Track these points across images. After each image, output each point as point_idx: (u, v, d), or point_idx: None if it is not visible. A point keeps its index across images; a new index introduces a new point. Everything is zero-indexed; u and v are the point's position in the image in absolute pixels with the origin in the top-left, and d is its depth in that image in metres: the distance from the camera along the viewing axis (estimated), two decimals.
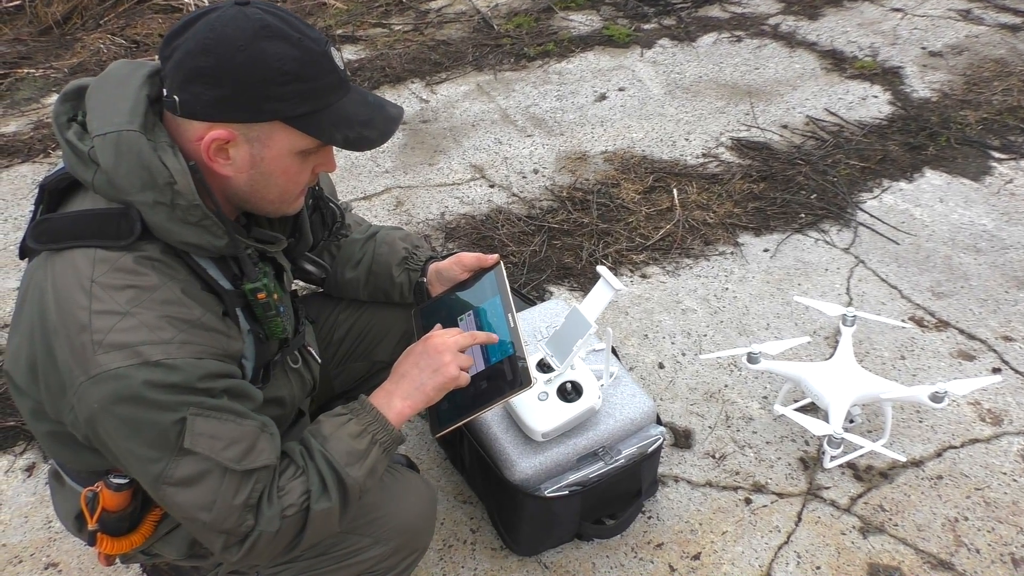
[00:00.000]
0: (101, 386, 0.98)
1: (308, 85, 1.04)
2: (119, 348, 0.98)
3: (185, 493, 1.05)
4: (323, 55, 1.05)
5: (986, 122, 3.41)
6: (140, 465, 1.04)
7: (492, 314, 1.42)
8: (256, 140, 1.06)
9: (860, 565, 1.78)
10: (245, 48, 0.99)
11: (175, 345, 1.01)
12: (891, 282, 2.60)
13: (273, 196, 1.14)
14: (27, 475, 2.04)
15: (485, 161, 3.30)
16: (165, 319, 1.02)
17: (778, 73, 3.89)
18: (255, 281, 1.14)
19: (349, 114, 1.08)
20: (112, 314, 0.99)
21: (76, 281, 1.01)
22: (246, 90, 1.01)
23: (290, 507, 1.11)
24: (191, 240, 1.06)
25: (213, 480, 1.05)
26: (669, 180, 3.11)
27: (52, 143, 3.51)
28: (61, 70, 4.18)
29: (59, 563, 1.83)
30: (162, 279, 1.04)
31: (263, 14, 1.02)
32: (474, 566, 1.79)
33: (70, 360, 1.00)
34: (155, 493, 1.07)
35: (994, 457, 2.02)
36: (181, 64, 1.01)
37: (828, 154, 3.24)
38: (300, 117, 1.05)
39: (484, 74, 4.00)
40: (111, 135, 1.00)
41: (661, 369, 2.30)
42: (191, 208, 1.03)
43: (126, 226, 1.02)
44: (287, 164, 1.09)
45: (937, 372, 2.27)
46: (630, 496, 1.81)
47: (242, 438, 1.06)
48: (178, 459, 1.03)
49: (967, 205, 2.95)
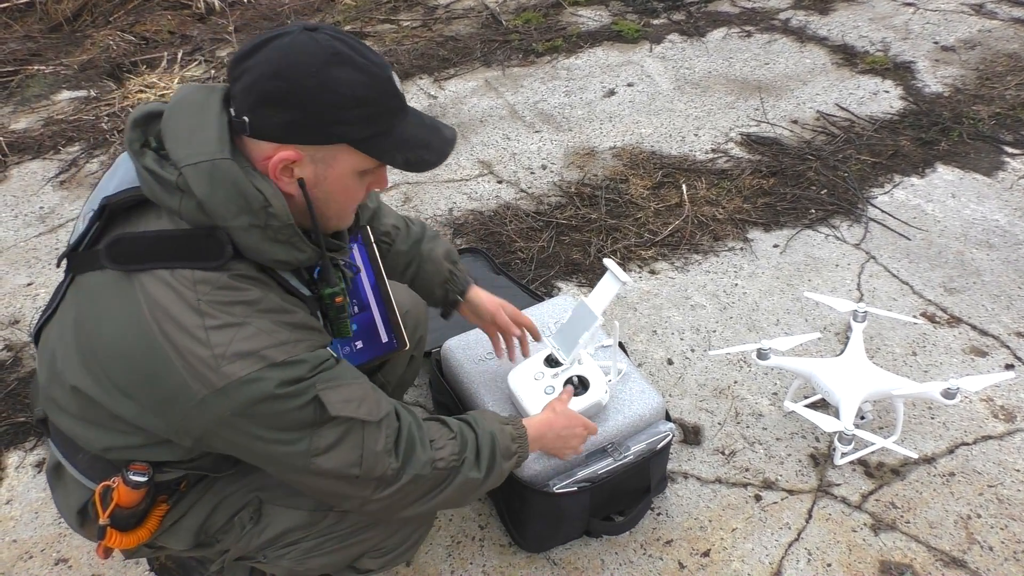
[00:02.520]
0: (232, 395, 1.04)
1: (373, 110, 1.08)
2: (245, 356, 1.04)
3: (334, 456, 1.13)
4: (387, 80, 1.10)
5: (999, 117, 3.38)
6: (285, 449, 1.11)
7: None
8: (321, 161, 1.10)
9: (871, 562, 1.77)
10: (316, 74, 1.03)
11: (291, 344, 1.08)
12: (902, 278, 2.58)
13: (331, 212, 1.19)
14: (37, 471, 2.04)
15: (493, 157, 3.29)
16: (277, 324, 1.08)
17: (788, 68, 3.87)
18: (334, 286, 1.22)
19: (409, 137, 1.13)
20: (228, 327, 1.05)
21: (182, 302, 1.04)
22: (316, 114, 1.05)
23: (441, 460, 1.23)
24: (280, 257, 1.11)
25: (355, 436, 1.14)
26: (678, 176, 3.10)
27: (62, 140, 3.53)
28: (71, 67, 4.20)
29: (69, 559, 1.84)
30: (262, 292, 1.10)
31: (333, 41, 1.06)
32: (483, 562, 1.79)
33: (186, 377, 1.04)
34: (302, 469, 1.13)
35: (1007, 454, 2.00)
36: (252, 87, 1.04)
37: (839, 149, 3.22)
38: (364, 140, 1.10)
39: (492, 70, 3.99)
40: (204, 164, 1.03)
41: (670, 365, 2.29)
42: (283, 228, 1.08)
43: (215, 247, 1.06)
44: (347, 183, 1.15)
45: (949, 368, 2.25)
46: (639, 493, 1.80)
47: (365, 396, 1.16)
48: (320, 430, 1.11)
49: (979, 200, 2.92)
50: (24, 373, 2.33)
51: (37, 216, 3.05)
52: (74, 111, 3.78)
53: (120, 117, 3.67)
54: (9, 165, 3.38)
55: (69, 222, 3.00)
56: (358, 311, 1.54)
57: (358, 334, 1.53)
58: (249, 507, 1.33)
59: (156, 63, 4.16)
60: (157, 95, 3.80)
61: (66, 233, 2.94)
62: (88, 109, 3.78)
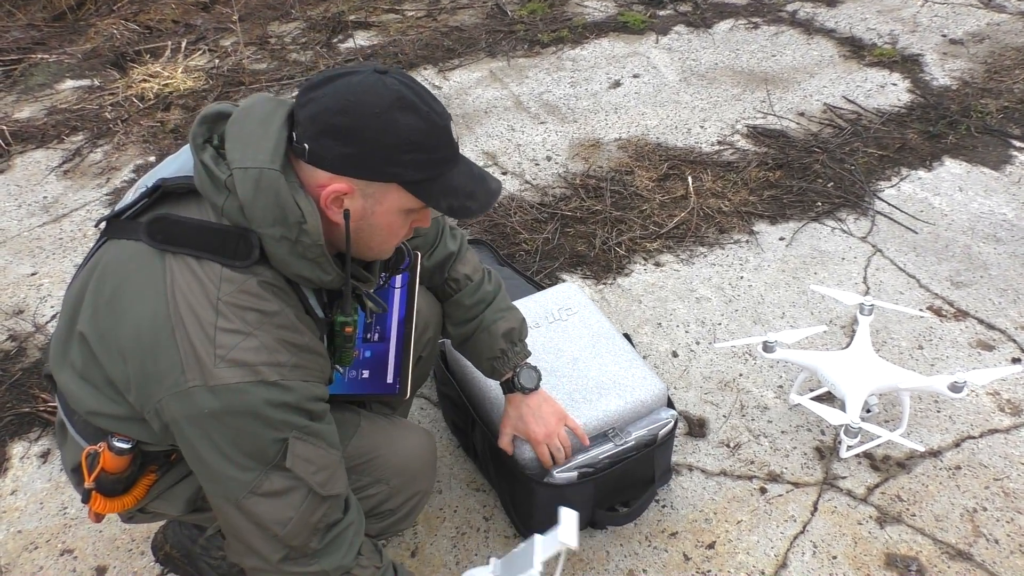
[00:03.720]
0: (217, 396, 1.07)
1: (428, 156, 1.13)
2: (240, 365, 1.07)
3: (268, 504, 1.14)
4: (445, 130, 1.15)
5: (1007, 111, 3.36)
6: (231, 471, 1.12)
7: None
8: (371, 196, 1.14)
9: (877, 555, 1.76)
10: (380, 115, 1.08)
11: (288, 368, 1.11)
12: (909, 271, 2.57)
13: (374, 245, 1.23)
14: (42, 461, 2.05)
15: (498, 148, 3.28)
16: (281, 343, 1.11)
17: (795, 60, 3.85)
18: (347, 316, 1.24)
19: (457, 185, 1.18)
20: (237, 333, 1.08)
21: (203, 294, 1.08)
22: (374, 153, 1.10)
23: (361, 570, 1.25)
24: (304, 273, 1.15)
25: (297, 498, 1.15)
26: (684, 168, 3.09)
27: (66, 129, 3.52)
28: (75, 56, 4.19)
29: (74, 549, 1.84)
30: (281, 305, 1.13)
31: (400, 86, 1.11)
32: (487, 553, 1.79)
33: (184, 363, 1.07)
34: (234, 500, 1.14)
35: (1013, 447, 1.99)
36: (317, 117, 1.09)
37: (846, 142, 3.20)
38: (416, 183, 1.15)
39: (497, 60, 3.97)
40: (253, 171, 1.08)
41: (675, 358, 2.29)
42: (312, 246, 1.12)
43: (244, 248, 1.10)
44: (392, 220, 1.19)
45: (956, 362, 2.24)
46: (644, 483, 1.80)
47: (328, 466, 1.17)
48: (271, 473, 1.13)
49: (987, 194, 2.91)
50: (29, 364, 2.33)
51: (41, 206, 3.05)
52: (78, 100, 3.77)
53: (124, 106, 3.67)
54: (12, 154, 3.37)
55: (73, 212, 3.00)
56: (378, 339, 1.53)
57: (368, 363, 1.52)
58: None
59: (160, 52, 4.15)
60: (161, 84, 3.79)
61: (70, 223, 2.93)
62: (92, 98, 3.77)
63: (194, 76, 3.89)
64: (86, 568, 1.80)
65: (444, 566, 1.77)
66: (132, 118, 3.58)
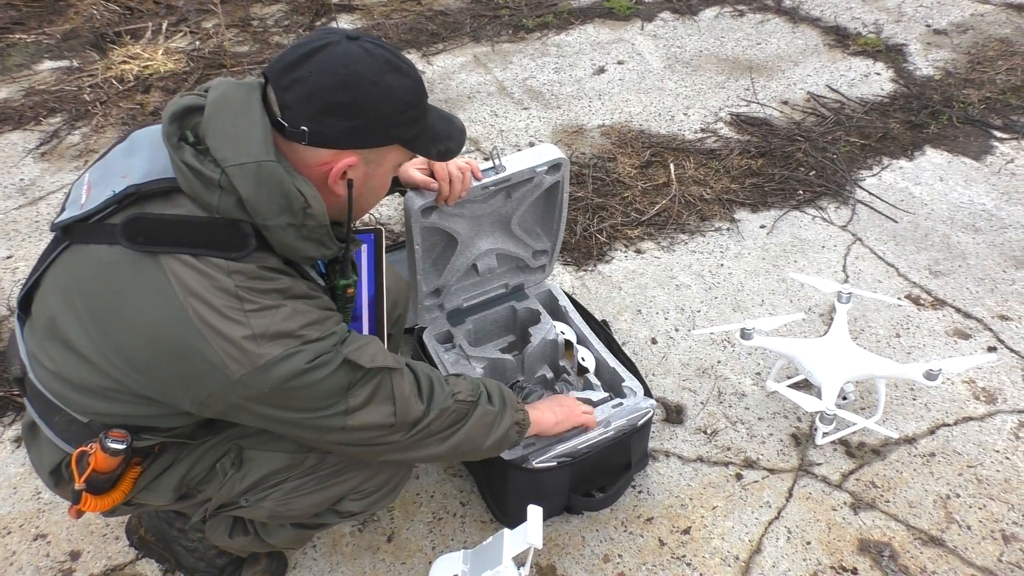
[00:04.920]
0: (271, 371, 1.10)
1: (417, 112, 1.19)
2: (282, 336, 1.10)
3: (368, 411, 1.20)
4: (421, 81, 1.20)
5: (989, 101, 3.38)
6: (321, 415, 1.17)
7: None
8: (373, 161, 1.19)
9: (851, 541, 1.78)
10: (378, 83, 1.11)
11: (322, 322, 1.16)
12: (888, 260, 2.58)
13: (367, 205, 1.30)
14: (16, 446, 2.02)
15: (481, 134, 3.26)
16: (308, 305, 1.16)
17: (780, 48, 3.84)
18: (348, 279, 1.30)
19: (436, 130, 1.25)
20: (266, 310, 1.10)
21: (219, 288, 1.09)
22: (378, 120, 1.14)
23: (460, 393, 1.34)
24: (310, 253, 1.18)
25: (385, 387, 1.22)
26: (666, 155, 3.08)
27: (43, 111, 3.47)
28: (53, 36, 4.12)
29: (48, 534, 1.82)
30: (290, 281, 1.16)
31: (382, 50, 1.14)
32: (463, 538, 1.79)
33: (224, 357, 1.08)
34: (339, 429, 1.20)
35: (987, 435, 2.01)
36: (313, 97, 1.10)
37: (828, 131, 3.21)
38: (412, 139, 1.21)
39: (481, 45, 3.95)
40: (250, 165, 1.08)
41: (654, 344, 2.29)
42: (318, 227, 1.15)
43: (239, 238, 1.11)
44: (387, 178, 1.26)
45: (932, 350, 2.25)
46: (620, 469, 1.80)
47: (383, 350, 1.24)
48: (353, 389, 1.18)
49: (967, 184, 2.92)
50: (2, 347, 2.31)
51: (17, 188, 3.01)
52: (56, 81, 3.72)
53: (103, 88, 3.62)
54: None
55: (50, 194, 2.96)
56: (350, 319, 1.51)
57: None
58: (230, 454, 1.35)
59: (140, 33, 4.09)
60: (141, 66, 3.74)
61: (47, 206, 2.90)
62: (70, 79, 3.71)
63: (175, 58, 3.84)
64: (60, 553, 1.78)
65: (420, 551, 1.77)
66: (111, 100, 3.54)
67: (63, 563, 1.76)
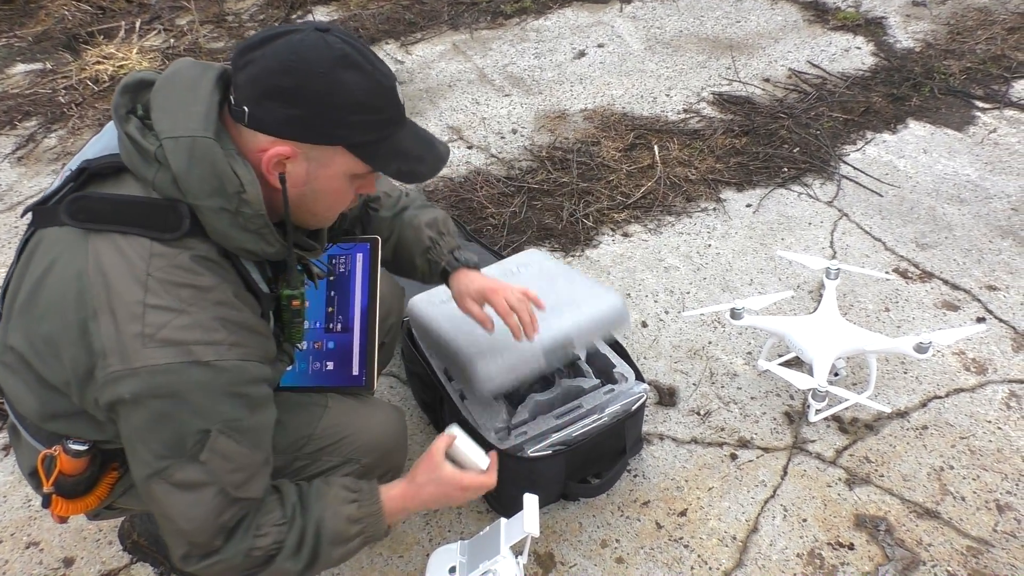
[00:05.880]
0: (143, 379, 1.01)
1: (374, 117, 1.09)
2: (172, 344, 1.01)
3: (176, 496, 1.08)
4: (391, 90, 1.10)
5: (970, 72, 3.38)
6: (147, 455, 1.07)
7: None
8: (315, 160, 1.09)
9: (846, 516, 1.78)
10: (325, 75, 1.04)
11: (225, 347, 1.05)
12: (875, 234, 2.58)
13: (319, 211, 1.18)
14: (5, 454, 2.00)
15: (463, 122, 3.24)
16: (218, 320, 1.05)
17: (760, 26, 3.83)
18: (295, 288, 1.20)
19: (404, 148, 1.14)
20: (168, 310, 1.02)
21: (129, 271, 1.02)
22: (319, 114, 1.05)
23: (257, 549, 1.15)
24: (247, 246, 1.09)
25: (208, 495, 1.08)
26: (650, 137, 3.07)
27: (18, 115, 3.42)
28: (25, 39, 4.07)
29: (40, 542, 1.80)
30: (217, 280, 1.07)
31: (343, 44, 1.06)
32: (460, 529, 1.78)
33: (107, 347, 1.01)
34: (146, 483, 1.09)
35: (979, 406, 2.02)
36: (258, 79, 1.04)
37: (811, 107, 3.20)
38: (362, 145, 1.10)
39: (460, 33, 3.92)
40: (184, 140, 1.02)
41: (644, 328, 2.28)
42: (254, 217, 1.07)
43: (174, 219, 1.04)
44: (338, 185, 1.14)
45: (922, 323, 2.26)
46: (615, 454, 1.80)
47: (248, 467, 1.11)
48: (185, 464, 1.06)
49: (951, 155, 2.92)
50: None
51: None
52: (30, 84, 3.67)
53: (78, 90, 3.57)
54: None
55: (28, 199, 2.92)
56: (341, 329, 1.48)
57: (333, 354, 1.48)
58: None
59: (114, 33, 4.04)
60: (116, 66, 3.69)
61: None
62: (44, 82, 3.67)
63: (149, 57, 3.80)
64: (53, 560, 1.77)
65: (417, 543, 1.76)
66: (87, 101, 3.49)
67: (57, 570, 1.75)
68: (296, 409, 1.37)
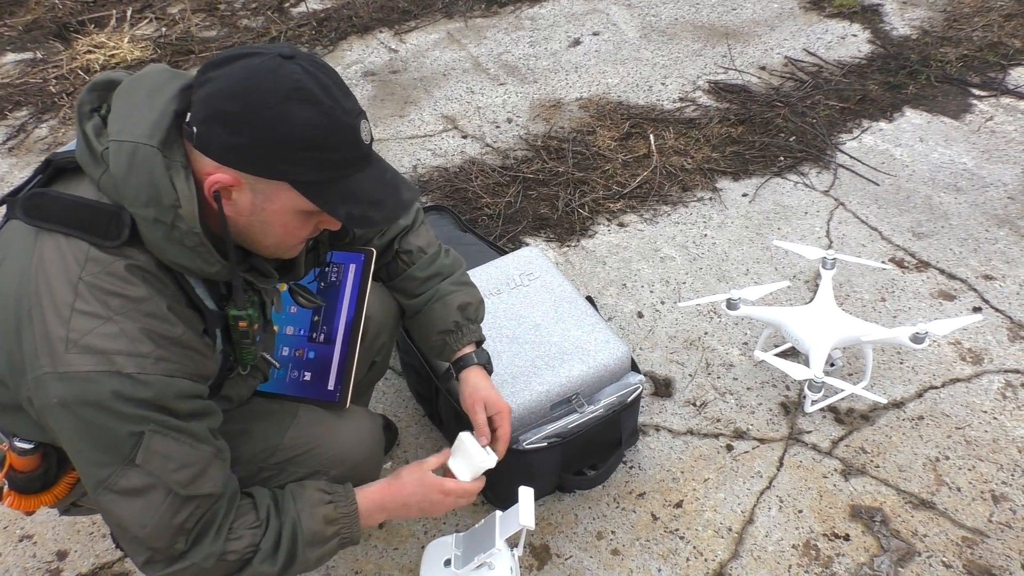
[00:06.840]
0: (67, 384, 0.99)
1: (325, 156, 1.03)
2: (93, 352, 0.99)
3: (124, 504, 1.05)
4: (350, 129, 1.04)
5: (966, 59, 3.36)
6: (86, 465, 1.05)
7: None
8: (260, 192, 1.05)
9: (842, 507, 1.78)
10: (273, 106, 0.98)
11: (151, 360, 1.02)
12: (871, 224, 2.57)
13: (269, 243, 1.13)
14: None
15: (457, 111, 3.22)
16: (146, 333, 1.02)
17: (756, 13, 3.81)
18: (241, 309, 1.15)
19: (360, 191, 1.07)
20: (94, 317, 1.00)
21: (63, 273, 1.00)
22: (263, 146, 1.00)
23: (232, 553, 1.12)
24: (183, 262, 1.05)
25: (156, 497, 1.06)
26: (646, 126, 3.05)
27: (8, 104, 3.39)
28: (15, 28, 4.03)
29: (34, 535, 1.80)
30: (150, 292, 1.04)
31: (302, 74, 1.00)
32: (455, 521, 1.78)
33: (38, 347, 1.00)
34: (93, 495, 1.07)
35: (975, 396, 2.01)
36: (210, 100, 1.00)
37: (807, 95, 3.18)
38: (308, 184, 1.04)
39: (454, 21, 3.89)
40: (128, 145, 1.00)
41: (640, 318, 2.27)
42: (189, 233, 1.03)
43: (116, 227, 1.02)
44: (287, 220, 1.09)
45: (918, 313, 2.25)
46: (610, 446, 1.79)
47: (195, 462, 1.08)
48: (126, 470, 1.03)
49: (947, 144, 2.91)
50: None
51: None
52: (20, 74, 3.64)
53: (69, 79, 3.54)
54: None
55: None
56: (324, 340, 1.45)
57: (311, 364, 1.44)
58: None
59: (105, 22, 4.00)
60: (107, 55, 3.66)
61: None
62: (35, 72, 3.63)
63: (141, 46, 3.76)
64: (46, 553, 1.76)
65: (412, 536, 1.75)
66: (78, 91, 3.46)
67: (50, 563, 1.74)
68: (264, 417, 1.34)
